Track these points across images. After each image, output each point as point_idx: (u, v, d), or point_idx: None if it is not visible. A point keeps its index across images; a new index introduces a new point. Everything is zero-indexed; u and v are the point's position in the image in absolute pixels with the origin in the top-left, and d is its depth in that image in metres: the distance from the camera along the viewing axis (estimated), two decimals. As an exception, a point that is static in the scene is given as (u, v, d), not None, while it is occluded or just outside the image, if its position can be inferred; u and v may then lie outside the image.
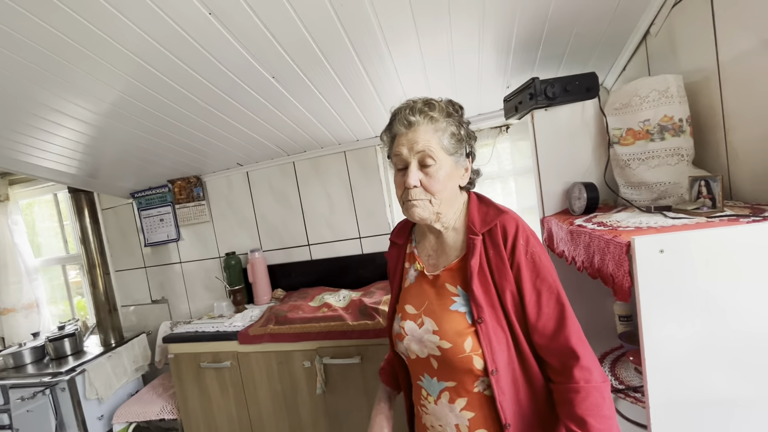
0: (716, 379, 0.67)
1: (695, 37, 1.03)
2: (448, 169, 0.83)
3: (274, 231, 2.35)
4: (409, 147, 0.81)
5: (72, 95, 1.29)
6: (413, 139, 0.81)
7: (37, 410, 1.97)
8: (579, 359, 0.74)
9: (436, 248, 0.91)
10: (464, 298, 0.82)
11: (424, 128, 0.81)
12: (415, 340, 0.85)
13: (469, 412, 0.81)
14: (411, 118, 0.82)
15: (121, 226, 2.65)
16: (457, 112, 0.87)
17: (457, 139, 0.84)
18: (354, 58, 1.29)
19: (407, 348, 0.87)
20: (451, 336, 0.79)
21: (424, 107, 0.83)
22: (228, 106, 1.50)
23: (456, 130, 0.84)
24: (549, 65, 1.45)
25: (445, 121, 0.83)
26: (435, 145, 0.81)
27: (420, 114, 0.82)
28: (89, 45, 1.05)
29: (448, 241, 0.89)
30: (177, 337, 1.92)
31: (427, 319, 0.84)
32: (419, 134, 0.81)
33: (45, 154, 1.73)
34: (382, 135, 0.91)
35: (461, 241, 0.87)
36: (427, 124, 0.82)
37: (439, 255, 0.90)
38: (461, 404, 0.81)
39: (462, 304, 0.81)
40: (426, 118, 0.82)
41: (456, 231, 0.88)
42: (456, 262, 0.85)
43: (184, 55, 1.15)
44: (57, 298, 3.03)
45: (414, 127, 0.82)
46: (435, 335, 0.81)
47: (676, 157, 1.02)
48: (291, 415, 1.76)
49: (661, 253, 0.65)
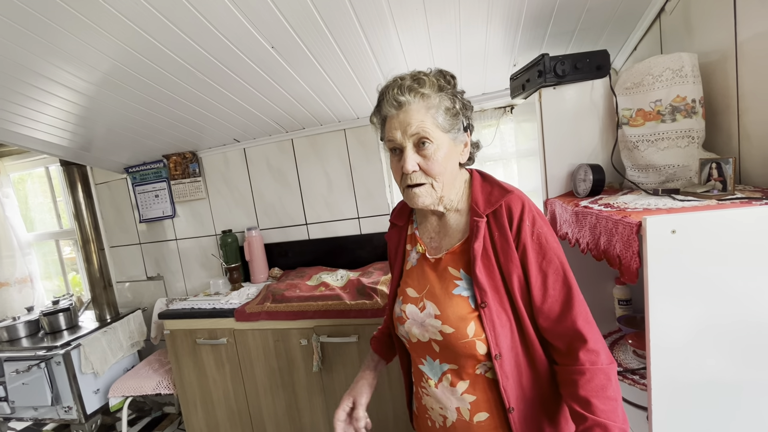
0: (721, 362, 0.67)
1: (713, 15, 1.00)
2: (446, 148, 0.78)
3: (271, 209, 2.32)
4: (402, 130, 0.76)
5: (63, 62, 1.24)
6: (405, 121, 0.75)
7: (32, 383, 1.97)
8: (586, 342, 0.72)
9: (438, 230, 0.88)
10: (467, 282, 0.79)
11: (416, 107, 0.75)
12: (417, 324, 0.83)
13: (471, 395, 0.79)
14: (400, 98, 0.75)
15: (115, 201, 2.61)
16: (449, 83, 0.80)
17: (452, 115, 0.78)
18: (358, 30, 1.24)
19: (408, 332, 0.85)
20: (453, 321, 0.77)
21: (414, 84, 0.76)
22: (225, 77, 1.45)
23: (450, 104, 0.78)
24: (558, 42, 1.41)
25: (438, 96, 0.77)
26: (429, 124, 0.75)
27: (410, 92, 0.75)
28: (81, 8, 1.00)
29: (450, 223, 0.85)
30: (173, 314, 1.91)
31: (428, 303, 0.81)
32: (411, 115, 0.75)
33: (36, 124, 1.68)
34: (372, 117, 0.85)
35: (464, 223, 0.83)
36: (419, 102, 0.76)
37: (442, 237, 0.87)
38: (463, 387, 0.80)
39: (465, 288, 0.79)
40: (417, 95, 0.75)
41: (459, 212, 0.85)
42: (459, 245, 0.82)
43: (180, 21, 1.10)
44: (51, 274, 3.01)
45: (405, 108, 0.76)
46: (437, 320, 0.79)
47: (687, 140, 1.00)
48: (287, 392, 1.78)
49: (673, 233, 0.64)
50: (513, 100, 1.68)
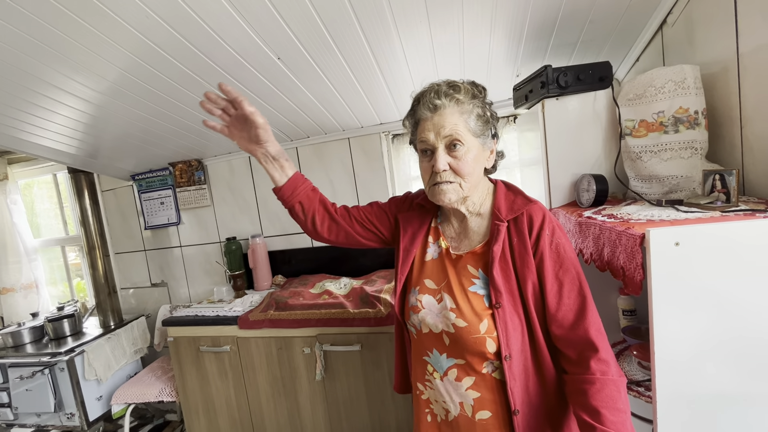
0: (726, 374, 0.66)
1: (715, 27, 1.01)
2: (476, 151, 0.82)
3: (275, 217, 2.33)
4: (435, 132, 0.80)
5: (72, 71, 1.26)
6: (440, 123, 0.79)
7: (36, 389, 1.97)
8: (598, 351, 0.73)
9: (459, 232, 0.91)
10: (484, 281, 0.82)
11: (450, 111, 0.80)
12: (432, 314, 0.85)
13: (475, 392, 0.81)
14: (436, 101, 0.80)
15: (121, 208, 2.63)
16: (481, 93, 0.85)
17: (483, 121, 0.82)
18: (363, 42, 1.25)
19: (421, 321, 0.86)
20: (467, 315, 0.79)
21: (449, 90, 0.80)
22: (232, 87, 1.46)
23: (482, 112, 0.82)
24: (561, 54, 1.42)
25: (471, 103, 0.81)
26: (462, 128, 0.79)
27: (445, 97, 0.80)
28: (90, 18, 1.02)
29: (471, 226, 0.88)
30: (177, 321, 1.91)
31: (446, 296, 0.84)
32: (445, 118, 0.79)
33: (44, 132, 1.70)
34: (405, 121, 0.90)
35: (485, 227, 0.86)
36: (453, 106, 0.80)
37: (462, 239, 0.89)
38: (468, 383, 0.81)
39: (481, 287, 0.81)
40: (452, 100, 0.80)
41: (481, 216, 0.88)
42: (480, 246, 0.85)
43: (188, 32, 1.12)
44: (56, 280, 3.02)
45: (440, 111, 0.80)
46: (452, 312, 0.81)
47: (690, 151, 1.00)
48: (289, 401, 1.77)
49: (677, 245, 0.64)
50: (516, 110, 1.69)
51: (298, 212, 0.96)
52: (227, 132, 0.89)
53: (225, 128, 0.89)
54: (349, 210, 1.02)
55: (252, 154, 0.91)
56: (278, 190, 0.93)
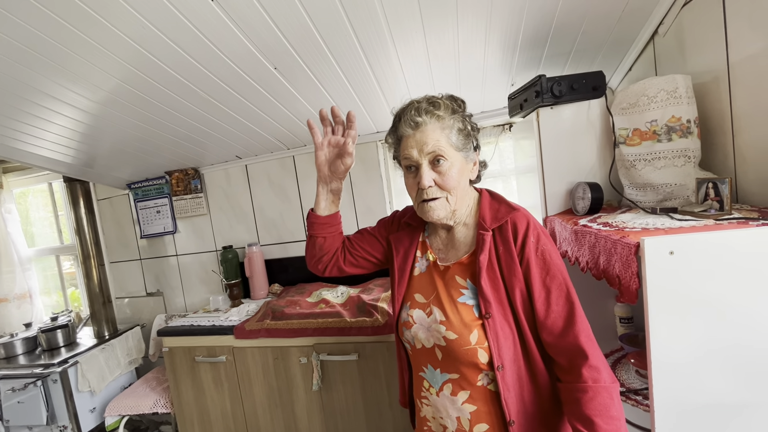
0: (722, 383, 0.66)
1: (705, 38, 1.02)
2: (459, 165, 0.83)
3: (272, 225, 2.32)
4: (418, 149, 0.81)
5: (69, 81, 1.27)
6: (422, 140, 0.81)
7: (28, 401, 1.94)
8: (588, 358, 0.73)
9: (446, 243, 0.91)
10: (472, 291, 0.82)
11: (432, 127, 0.81)
12: (423, 328, 0.85)
13: (471, 405, 0.80)
14: (417, 118, 0.81)
15: (116, 217, 2.62)
16: (460, 107, 0.86)
17: (464, 135, 0.84)
18: (358, 51, 1.26)
19: (414, 336, 0.86)
20: (457, 327, 0.79)
21: (429, 107, 0.82)
22: (228, 96, 1.47)
23: (462, 126, 0.84)
24: (555, 63, 1.43)
25: (452, 118, 0.82)
26: (444, 143, 0.81)
27: (426, 114, 0.81)
28: (87, 29, 1.03)
29: (458, 237, 0.89)
30: (172, 331, 1.89)
31: (435, 309, 0.84)
32: (427, 134, 0.80)
33: (41, 142, 1.70)
34: (387, 137, 0.91)
35: (471, 237, 0.87)
36: (434, 123, 0.81)
37: (449, 250, 0.90)
38: (463, 397, 0.81)
39: (470, 297, 0.81)
40: (432, 117, 0.81)
41: (466, 226, 0.88)
42: (466, 257, 0.85)
43: (184, 43, 1.12)
44: (50, 289, 3.00)
45: (421, 128, 0.81)
46: (442, 325, 0.81)
47: (683, 159, 1.01)
48: (286, 411, 1.75)
49: (671, 254, 0.64)
50: (511, 119, 1.70)
51: (317, 244, 0.98)
52: (321, 143, 0.90)
53: (322, 141, 0.90)
54: (347, 247, 1.03)
55: (321, 175, 0.93)
56: (315, 217, 0.96)
